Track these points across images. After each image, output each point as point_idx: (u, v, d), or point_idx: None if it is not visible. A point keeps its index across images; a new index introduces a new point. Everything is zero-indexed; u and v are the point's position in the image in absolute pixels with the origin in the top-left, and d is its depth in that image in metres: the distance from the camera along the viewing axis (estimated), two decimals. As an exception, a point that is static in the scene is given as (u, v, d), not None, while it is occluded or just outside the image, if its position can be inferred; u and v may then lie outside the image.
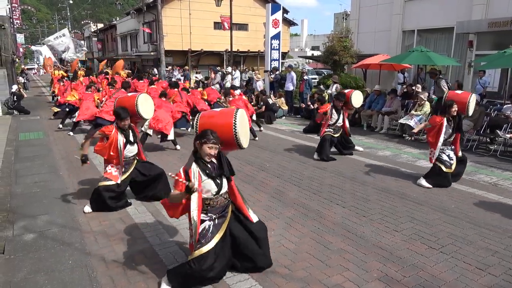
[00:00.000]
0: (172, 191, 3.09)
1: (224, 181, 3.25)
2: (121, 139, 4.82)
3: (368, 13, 16.43)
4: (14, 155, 7.82)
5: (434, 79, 10.66)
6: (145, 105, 5.42)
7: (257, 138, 9.45)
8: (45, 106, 16.47)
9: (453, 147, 5.97)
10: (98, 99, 10.12)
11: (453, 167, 5.92)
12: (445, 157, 5.88)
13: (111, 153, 4.81)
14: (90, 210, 4.88)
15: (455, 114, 5.77)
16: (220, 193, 3.22)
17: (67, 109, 11.14)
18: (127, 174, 5.01)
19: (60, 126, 10.77)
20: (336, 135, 7.68)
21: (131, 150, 5.01)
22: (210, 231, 3.20)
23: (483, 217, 4.77)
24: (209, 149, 3.06)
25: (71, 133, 10.00)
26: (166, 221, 4.60)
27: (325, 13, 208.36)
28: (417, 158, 7.72)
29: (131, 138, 4.97)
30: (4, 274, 3.47)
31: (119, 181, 4.89)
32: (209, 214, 3.20)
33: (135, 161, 5.14)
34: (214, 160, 3.21)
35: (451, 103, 5.79)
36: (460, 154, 6.06)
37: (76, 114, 10.14)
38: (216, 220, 3.25)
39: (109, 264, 3.64)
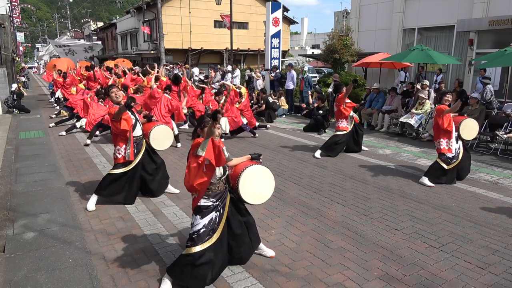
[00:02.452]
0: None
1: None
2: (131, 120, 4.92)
3: (369, 11, 16.39)
4: (14, 154, 7.82)
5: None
6: (157, 138, 5.49)
7: (257, 135, 9.65)
8: (45, 105, 16.47)
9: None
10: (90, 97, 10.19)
11: (455, 162, 5.92)
12: (448, 154, 5.88)
13: (127, 135, 4.89)
14: (94, 208, 4.88)
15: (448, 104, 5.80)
16: (222, 178, 3.28)
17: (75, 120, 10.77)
18: (141, 154, 5.11)
19: (63, 133, 10.13)
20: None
21: (138, 130, 5.08)
22: (217, 222, 3.26)
23: (483, 215, 4.77)
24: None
25: (64, 133, 9.88)
26: (166, 219, 4.61)
27: (325, 12, 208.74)
28: (417, 156, 7.72)
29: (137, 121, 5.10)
30: (4, 273, 3.47)
31: (136, 160, 5.00)
32: (211, 199, 3.22)
33: (144, 141, 5.21)
34: None
35: (444, 91, 5.89)
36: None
37: (82, 121, 10.12)
38: (221, 210, 3.30)
39: (109, 263, 3.64)
